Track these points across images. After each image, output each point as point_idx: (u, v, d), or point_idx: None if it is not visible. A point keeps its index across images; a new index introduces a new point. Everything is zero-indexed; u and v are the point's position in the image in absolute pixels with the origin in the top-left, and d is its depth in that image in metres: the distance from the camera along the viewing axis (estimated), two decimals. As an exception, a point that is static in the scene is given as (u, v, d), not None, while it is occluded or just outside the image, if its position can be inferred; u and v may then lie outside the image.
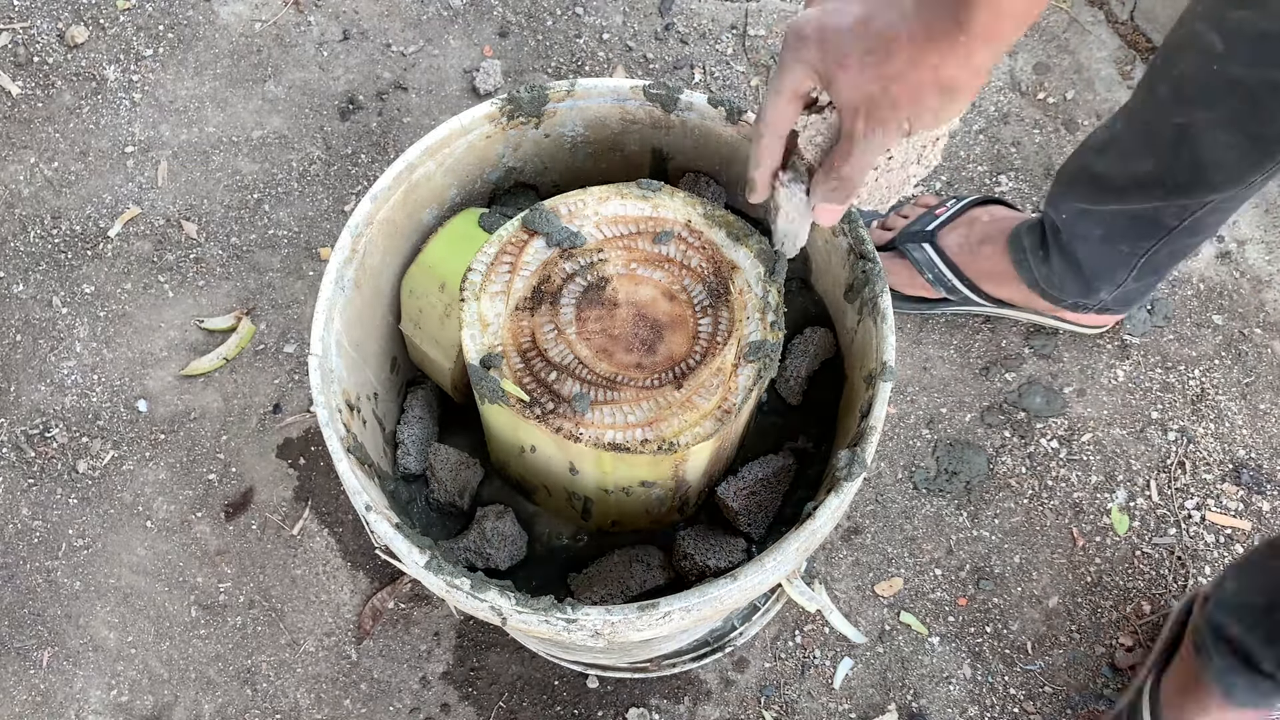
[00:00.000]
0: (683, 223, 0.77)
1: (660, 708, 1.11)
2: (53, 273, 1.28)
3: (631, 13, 1.42)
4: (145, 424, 1.22)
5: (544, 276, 0.74)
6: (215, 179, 1.33)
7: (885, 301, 0.75)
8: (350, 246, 0.77)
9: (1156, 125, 0.92)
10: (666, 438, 0.69)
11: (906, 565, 1.17)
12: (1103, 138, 1.00)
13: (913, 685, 1.13)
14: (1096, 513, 1.19)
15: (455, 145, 0.82)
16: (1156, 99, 0.91)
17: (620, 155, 0.88)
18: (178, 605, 1.16)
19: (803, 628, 1.14)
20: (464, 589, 0.67)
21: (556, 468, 0.75)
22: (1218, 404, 1.23)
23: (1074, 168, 1.04)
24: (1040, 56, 1.41)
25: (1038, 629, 1.15)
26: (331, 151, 1.34)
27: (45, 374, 1.24)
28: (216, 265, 1.29)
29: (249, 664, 1.14)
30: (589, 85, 0.82)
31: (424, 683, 1.13)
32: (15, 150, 1.34)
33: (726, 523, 0.81)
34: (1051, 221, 1.08)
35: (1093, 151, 1.01)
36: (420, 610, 1.15)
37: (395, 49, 1.40)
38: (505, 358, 0.72)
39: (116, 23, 1.40)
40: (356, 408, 0.77)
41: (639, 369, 0.72)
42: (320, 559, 1.17)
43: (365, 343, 0.81)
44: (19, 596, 1.16)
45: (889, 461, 1.21)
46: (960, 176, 1.34)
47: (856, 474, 0.70)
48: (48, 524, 1.18)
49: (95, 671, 1.13)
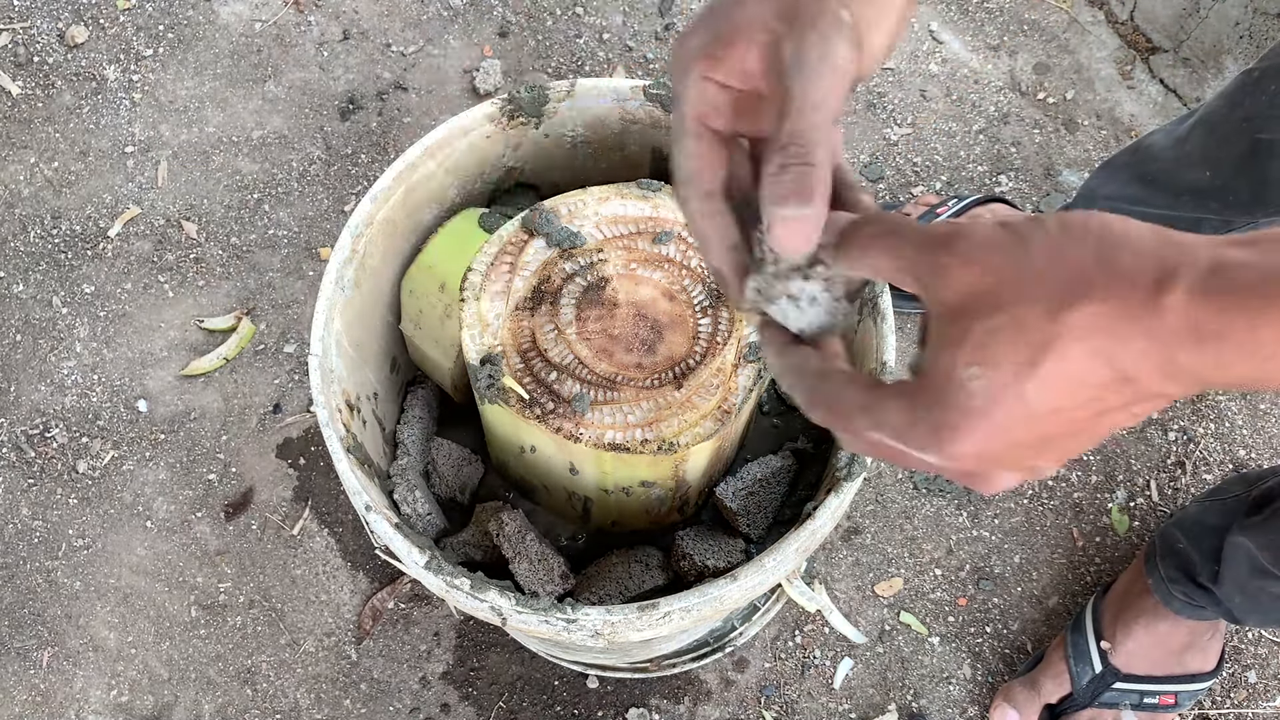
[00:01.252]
0: (683, 223, 0.77)
1: (660, 708, 1.11)
2: (53, 273, 1.28)
3: (631, 13, 1.42)
4: (145, 424, 1.22)
5: (544, 277, 0.74)
6: (215, 179, 1.33)
7: (885, 301, 0.75)
8: (350, 246, 0.77)
9: (1234, 137, 0.92)
10: (666, 438, 0.69)
11: (906, 565, 1.17)
12: (1166, 140, 1.00)
13: (913, 685, 1.13)
14: (1096, 513, 1.19)
15: (455, 145, 0.82)
16: (1242, 111, 0.91)
17: (620, 155, 0.88)
18: (178, 605, 1.16)
19: (803, 628, 1.14)
20: (464, 589, 0.67)
21: (556, 468, 0.75)
22: (1218, 404, 1.23)
23: (1128, 164, 1.04)
24: (1040, 56, 1.41)
25: (1038, 629, 1.15)
26: (331, 151, 1.34)
27: (45, 374, 1.24)
28: (216, 265, 1.29)
29: (249, 664, 1.14)
30: (589, 85, 0.82)
31: (424, 683, 1.13)
32: (15, 150, 1.34)
33: (726, 523, 0.81)
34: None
35: (1153, 151, 1.01)
36: (420, 610, 1.15)
37: (395, 49, 1.40)
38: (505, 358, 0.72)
39: (116, 23, 1.40)
40: (356, 408, 0.77)
41: (639, 369, 0.72)
42: (320, 559, 1.17)
43: (365, 343, 0.81)
44: (19, 596, 1.16)
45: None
46: (960, 176, 1.34)
47: (856, 474, 0.70)
48: (48, 524, 1.18)
49: (95, 671, 1.13)
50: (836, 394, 0.40)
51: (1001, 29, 1.43)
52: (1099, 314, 0.33)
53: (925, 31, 1.43)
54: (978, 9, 1.44)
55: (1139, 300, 0.33)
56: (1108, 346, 0.34)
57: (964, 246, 0.36)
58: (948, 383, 0.36)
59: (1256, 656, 1.15)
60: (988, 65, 1.41)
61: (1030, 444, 0.36)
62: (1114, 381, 0.34)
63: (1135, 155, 1.04)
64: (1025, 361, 0.34)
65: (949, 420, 0.36)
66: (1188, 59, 1.38)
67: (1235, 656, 1.15)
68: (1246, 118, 0.90)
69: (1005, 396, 0.35)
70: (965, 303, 0.36)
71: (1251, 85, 0.90)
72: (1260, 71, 0.90)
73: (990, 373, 0.35)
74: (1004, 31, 1.43)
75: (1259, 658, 1.15)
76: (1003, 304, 0.35)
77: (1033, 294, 0.34)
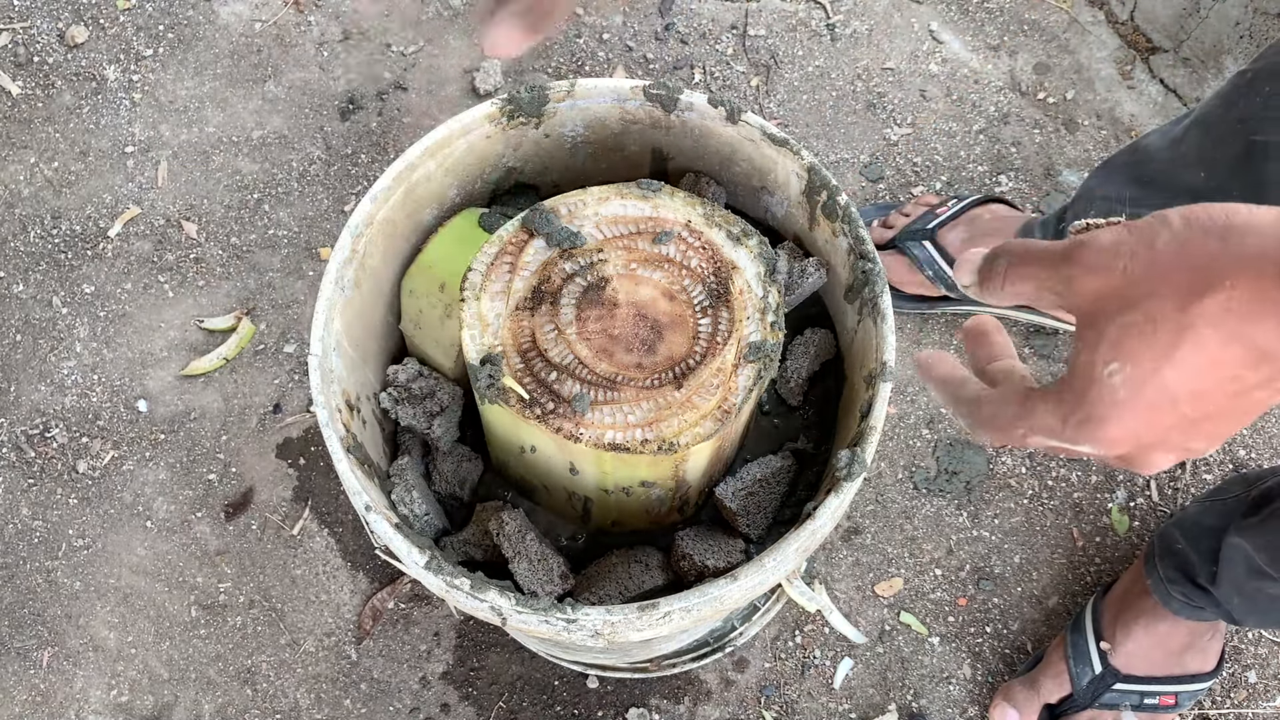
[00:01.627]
0: (683, 223, 0.77)
1: (660, 708, 1.11)
2: (53, 273, 1.28)
3: (631, 13, 1.42)
4: (145, 424, 1.22)
5: (544, 276, 0.74)
6: (215, 179, 1.33)
7: (885, 302, 0.75)
8: (350, 246, 0.77)
9: (1229, 138, 0.92)
10: (666, 438, 0.69)
11: (906, 565, 1.17)
12: (1162, 141, 1.00)
13: (913, 685, 1.13)
14: (1096, 513, 1.19)
15: (455, 145, 0.82)
16: (1237, 113, 0.90)
17: (620, 155, 0.88)
18: (178, 605, 1.16)
19: (803, 628, 1.14)
20: (464, 589, 0.67)
21: (556, 468, 0.75)
22: (1218, 404, 1.23)
23: (1125, 164, 1.04)
24: (1040, 56, 1.41)
25: (1038, 629, 1.15)
26: (331, 151, 1.34)
27: (45, 374, 1.24)
28: (216, 265, 1.29)
29: (249, 664, 1.14)
30: (589, 85, 0.82)
31: (424, 683, 1.13)
32: (15, 150, 1.34)
33: (726, 523, 0.81)
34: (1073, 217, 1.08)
35: (1149, 152, 1.01)
36: (420, 610, 1.15)
37: (395, 49, 1.40)
38: (505, 358, 0.72)
39: (116, 23, 1.40)
40: (356, 408, 0.77)
41: (639, 369, 0.72)
42: (320, 559, 1.17)
43: (365, 343, 0.81)
44: (19, 596, 1.16)
45: (889, 461, 1.21)
46: (960, 176, 1.34)
47: (856, 474, 0.70)
48: (48, 524, 1.18)
49: (95, 671, 1.13)
50: (994, 414, 0.44)
51: (1001, 29, 1.43)
52: (1230, 299, 0.35)
53: (925, 31, 1.43)
54: (978, 9, 1.44)
55: (1270, 280, 0.34)
56: (1242, 329, 0.35)
57: (1087, 255, 0.39)
58: (1090, 381, 0.39)
59: (1256, 656, 1.15)
60: (988, 65, 1.41)
61: (1178, 427, 0.38)
62: (1252, 361, 0.36)
63: (1133, 155, 1.04)
64: (1162, 353, 0.36)
65: (1096, 414, 0.39)
66: (1188, 59, 1.38)
67: (1235, 656, 1.15)
68: (1241, 119, 0.90)
69: (1146, 386, 0.37)
70: (1097, 307, 0.39)
71: (1245, 86, 0.90)
72: (1254, 73, 0.89)
73: (1128, 367, 0.37)
74: (1004, 31, 1.43)
75: (1259, 658, 1.15)
76: (1134, 302, 0.37)
77: (1163, 289, 0.36)
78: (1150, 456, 0.41)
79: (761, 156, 0.82)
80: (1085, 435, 0.40)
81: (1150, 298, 0.37)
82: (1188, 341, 0.36)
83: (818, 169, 0.79)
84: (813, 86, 1.38)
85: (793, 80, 1.38)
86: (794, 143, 0.80)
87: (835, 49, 1.40)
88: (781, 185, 0.83)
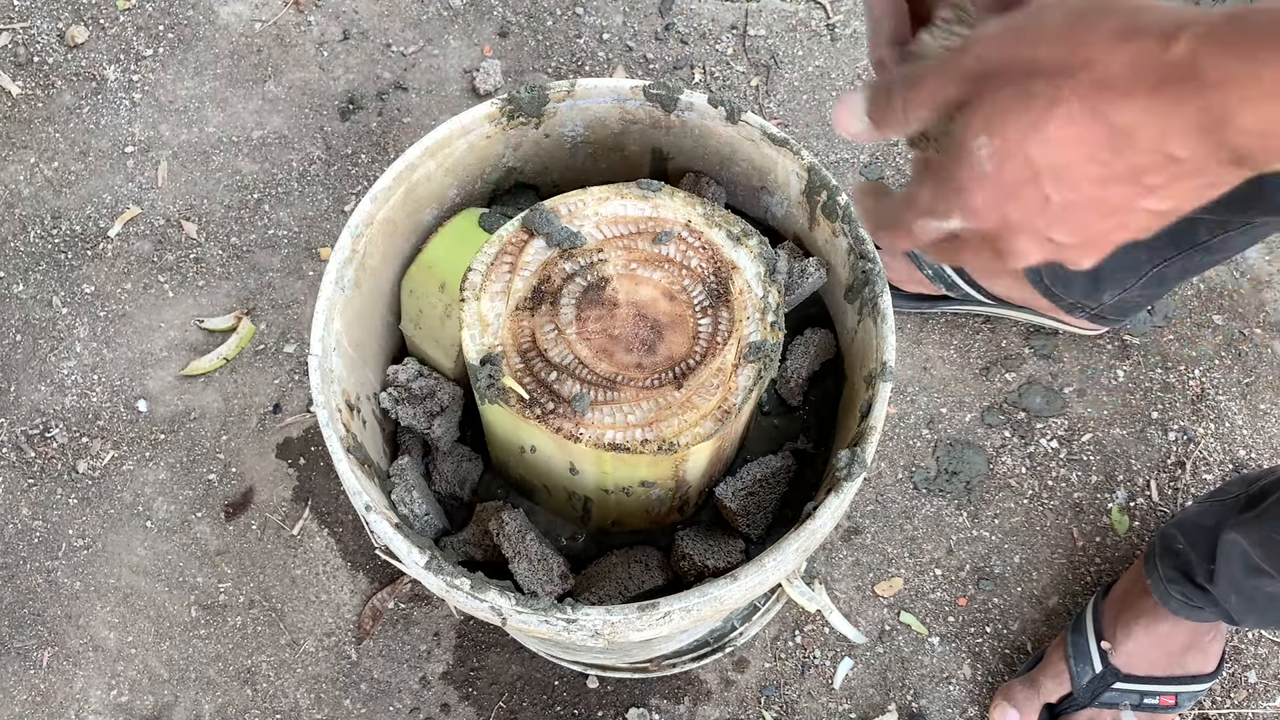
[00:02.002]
0: (683, 223, 0.77)
1: (660, 708, 1.11)
2: (53, 273, 1.28)
3: (631, 13, 1.42)
4: (145, 424, 1.22)
5: (544, 276, 0.74)
6: (215, 179, 1.33)
7: (885, 302, 0.75)
8: (350, 246, 0.77)
9: None
10: (666, 438, 0.69)
11: (906, 565, 1.17)
12: None
13: (913, 685, 1.13)
14: (1096, 513, 1.19)
15: (455, 145, 0.82)
16: None
17: (620, 155, 0.88)
18: (178, 605, 1.16)
19: (803, 628, 1.14)
20: (464, 589, 0.67)
21: (556, 468, 0.75)
22: (1218, 404, 1.23)
23: None
24: (1040, 56, 1.41)
25: (1038, 629, 1.15)
26: (331, 151, 1.34)
27: (45, 374, 1.24)
28: (216, 265, 1.29)
29: (249, 664, 1.14)
30: (589, 85, 0.82)
31: (424, 683, 1.13)
32: (15, 150, 1.34)
33: (726, 523, 0.82)
34: None
35: None
36: (420, 610, 1.15)
37: (395, 49, 1.40)
38: (505, 358, 0.72)
39: (116, 23, 1.40)
40: (356, 408, 0.77)
41: (639, 369, 0.72)
42: (320, 559, 1.17)
43: (365, 343, 0.81)
44: (19, 596, 1.16)
45: (889, 461, 1.21)
46: (960, 176, 1.34)
47: (856, 474, 0.70)
48: (48, 524, 1.18)
49: (95, 671, 1.13)
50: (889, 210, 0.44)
51: (1001, 29, 1.43)
52: (1104, 74, 0.35)
53: (925, 31, 1.43)
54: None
55: (1145, 58, 0.34)
56: (1107, 103, 0.35)
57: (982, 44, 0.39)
58: (962, 152, 0.39)
59: (1256, 656, 1.15)
60: (988, 65, 1.41)
61: (1041, 211, 0.38)
62: (1114, 145, 0.35)
63: None
64: (1030, 125, 0.36)
65: (960, 182, 0.39)
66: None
67: (1235, 656, 1.15)
68: None
69: (1010, 159, 0.37)
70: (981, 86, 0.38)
71: None
72: None
73: (997, 140, 0.37)
74: (1004, 31, 1.43)
75: (1259, 658, 1.15)
76: (1013, 79, 0.37)
77: (1045, 65, 0.36)
78: (1016, 240, 0.40)
79: (761, 156, 0.82)
80: (954, 205, 0.39)
81: (1030, 76, 0.36)
82: (1056, 116, 0.35)
83: (818, 169, 0.79)
84: (813, 86, 1.38)
85: (793, 80, 1.39)
86: (794, 143, 0.80)
87: (835, 49, 1.40)
88: (781, 185, 0.83)
